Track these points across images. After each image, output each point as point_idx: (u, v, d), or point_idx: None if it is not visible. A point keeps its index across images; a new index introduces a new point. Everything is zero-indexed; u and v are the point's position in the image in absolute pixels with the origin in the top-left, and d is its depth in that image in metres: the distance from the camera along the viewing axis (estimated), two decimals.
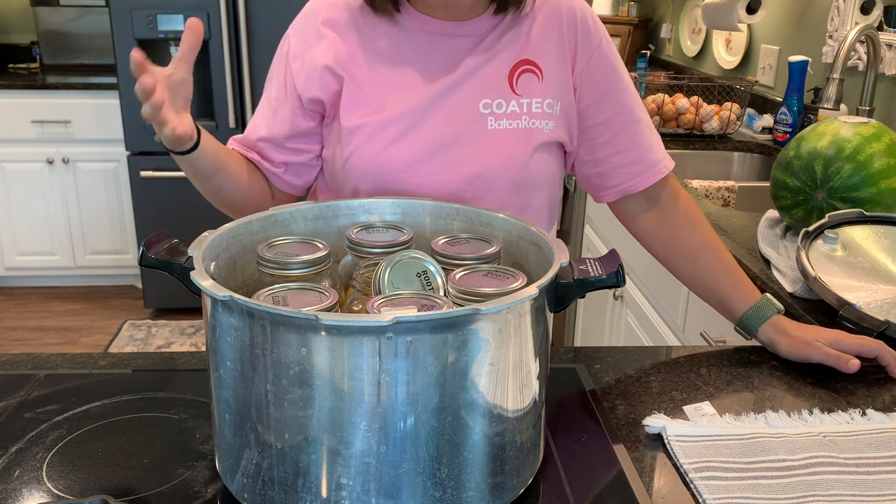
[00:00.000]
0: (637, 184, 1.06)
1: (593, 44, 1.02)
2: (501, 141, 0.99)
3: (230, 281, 0.76)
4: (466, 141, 0.98)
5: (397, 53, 0.99)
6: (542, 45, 1.00)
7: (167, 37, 2.99)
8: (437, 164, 0.98)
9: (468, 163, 0.98)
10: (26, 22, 3.89)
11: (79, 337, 3.25)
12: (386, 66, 0.99)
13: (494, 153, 0.99)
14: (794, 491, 0.70)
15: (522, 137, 0.99)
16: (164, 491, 0.69)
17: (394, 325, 0.56)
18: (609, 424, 0.81)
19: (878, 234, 1.20)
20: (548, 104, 1.00)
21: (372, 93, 0.99)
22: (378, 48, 0.99)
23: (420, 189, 0.98)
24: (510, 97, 0.99)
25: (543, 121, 1.00)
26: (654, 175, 1.06)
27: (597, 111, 1.03)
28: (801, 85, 2.22)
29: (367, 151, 0.98)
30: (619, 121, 1.04)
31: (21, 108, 3.30)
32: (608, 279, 0.68)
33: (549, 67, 1.00)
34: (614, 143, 1.05)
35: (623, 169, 1.06)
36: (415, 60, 0.99)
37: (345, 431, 0.59)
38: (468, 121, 0.98)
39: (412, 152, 0.98)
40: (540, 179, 1.03)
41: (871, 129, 1.34)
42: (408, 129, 0.98)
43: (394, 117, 0.98)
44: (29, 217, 3.47)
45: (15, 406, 0.82)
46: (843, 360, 0.92)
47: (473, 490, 0.63)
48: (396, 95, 0.98)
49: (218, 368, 0.63)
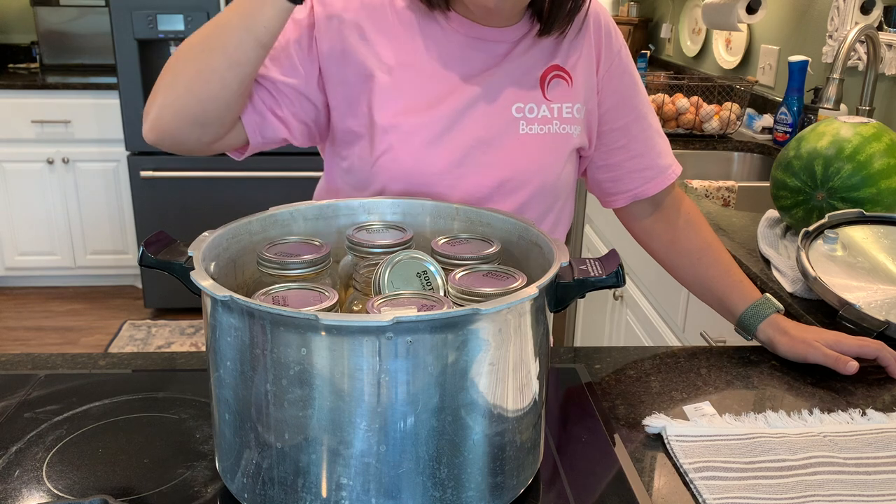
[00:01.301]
0: (648, 189, 1.08)
1: (614, 50, 1.04)
2: (532, 146, 0.99)
3: (230, 281, 0.76)
4: (498, 145, 0.98)
5: (435, 55, 0.98)
6: (573, 50, 1.01)
7: (167, 37, 2.99)
8: (468, 167, 0.98)
9: (499, 167, 0.98)
10: (26, 22, 3.89)
11: (79, 337, 3.25)
12: (423, 66, 0.98)
13: (525, 158, 0.99)
14: (794, 491, 0.70)
15: (553, 143, 1.00)
16: (164, 491, 0.69)
17: (394, 325, 0.56)
18: (609, 424, 0.81)
19: (878, 234, 1.20)
20: (577, 109, 1.01)
21: (407, 93, 0.97)
22: (416, 48, 0.98)
23: (449, 192, 0.98)
24: (541, 102, 0.99)
25: (573, 126, 1.01)
26: (665, 181, 1.08)
27: (615, 116, 1.05)
28: (801, 85, 2.22)
29: (400, 152, 0.97)
30: (634, 127, 1.05)
31: (21, 108, 3.30)
32: (608, 279, 0.68)
33: (578, 73, 1.01)
34: (629, 148, 1.06)
35: (635, 174, 1.07)
36: (452, 63, 0.98)
37: (345, 431, 0.59)
38: (501, 125, 0.98)
39: (446, 155, 0.97)
40: (566, 186, 1.04)
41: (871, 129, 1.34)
42: (443, 131, 0.97)
43: (430, 119, 0.97)
44: (29, 217, 3.47)
45: (15, 406, 0.82)
46: (841, 362, 0.92)
47: (473, 490, 0.63)
48: (433, 97, 0.97)
49: (218, 368, 0.63)
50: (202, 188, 3.15)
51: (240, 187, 3.16)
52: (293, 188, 3.15)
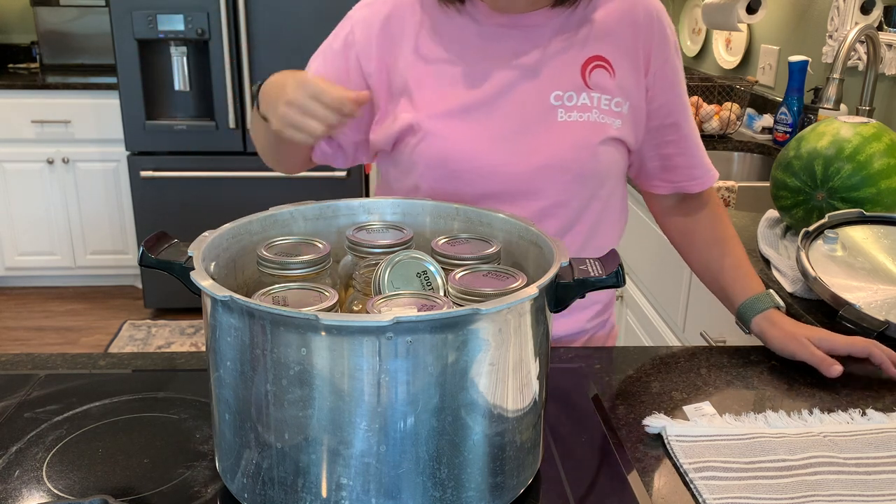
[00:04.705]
0: (693, 186, 1.10)
1: (668, 48, 1.04)
2: (570, 132, 0.99)
3: (230, 281, 0.76)
4: (535, 132, 0.98)
5: (464, 44, 0.99)
6: (615, 42, 1.01)
7: (167, 37, 2.99)
8: (504, 154, 0.98)
9: (535, 153, 0.98)
10: (26, 22, 3.89)
11: (79, 337, 3.25)
12: (453, 56, 0.99)
13: (562, 144, 0.98)
14: (794, 491, 0.70)
15: (591, 129, 0.99)
16: (164, 491, 0.69)
17: (394, 325, 0.56)
18: (609, 424, 0.81)
19: (878, 234, 1.20)
20: (616, 103, 1.00)
21: (439, 83, 0.99)
22: (444, 39, 0.99)
23: (485, 179, 0.98)
24: (581, 90, 0.99)
25: (611, 118, 1.00)
26: (708, 181, 1.11)
27: (667, 113, 1.05)
28: (801, 85, 2.22)
29: (434, 140, 0.98)
30: (684, 125, 1.07)
31: (21, 108, 3.30)
32: (608, 279, 0.68)
33: (621, 66, 1.01)
34: (680, 144, 1.07)
35: (685, 170, 1.09)
36: (482, 51, 0.99)
37: (345, 431, 0.59)
38: (538, 112, 0.98)
39: (480, 142, 0.97)
40: (606, 171, 1.02)
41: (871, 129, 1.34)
42: (477, 119, 0.98)
43: (462, 106, 0.98)
44: (29, 217, 3.47)
45: (15, 406, 0.82)
46: (825, 364, 0.92)
47: (473, 490, 0.63)
48: (464, 85, 0.98)
49: (218, 368, 0.63)
50: (202, 188, 3.15)
51: (240, 187, 3.16)
52: (293, 188, 3.15)
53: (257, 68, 3.04)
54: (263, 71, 3.03)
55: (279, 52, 3.02)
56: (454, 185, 0.99)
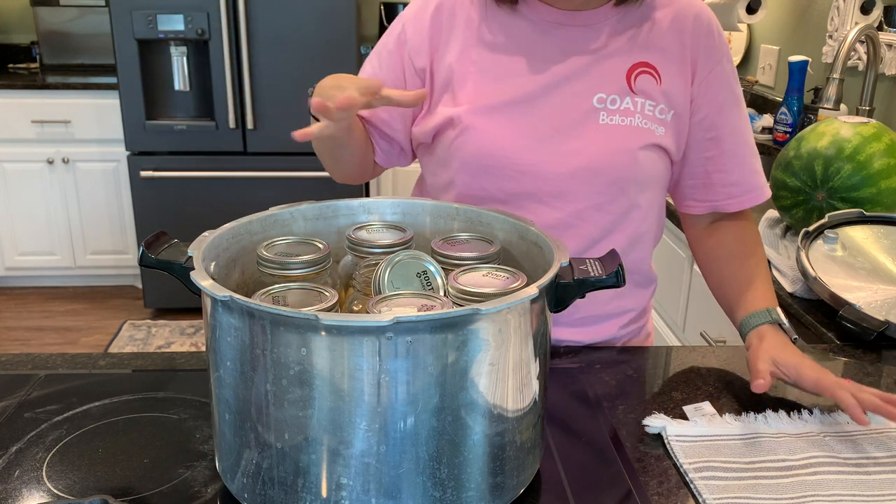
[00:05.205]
0: (730, 205, 1.04)
1: (716, 58, 1.00)
2: (611, 136, 0.97)
3: (230, 281, 0.76)
4: (576, 133, 0.97)
5: (511, 40, 0.99)
6: (664, 49, 0.98)
7: (167, 37, 2.99)
8: (542, 153, 0.97)
9: (574, 155, 0.97)
10: (26, 22, 3.89)
11: (79, 337, 3.25)
12: (498, 52, 0.98)
13: (602, 147, 0.97)
14: (794, 491, 0.70)
15: (633, 134, 0.97)
16: (164, 491, 0.69)
17: (394, 325, 0.56)
18: (609, 424, 0.81)
19: (878, 234, 1.20)
20: (660, 110, 0.98)
21: (482, 77, 0.98)
22: (491, 34, 0.99)
23: (522, 178, 0.97)
24: (626, 94, 0.97)
25: (655, 124, 0.98)
26: (749, 201, 1.04)
27: (709, 126, 1.01)
28: (801, 85, 2.22)
29: (472, 135, 0.97)
30: (728, 141, 1.02)
31: (21, 108, 3.30)
32: (608, 279, 0.68)
33: (668, 73, 0.98)
34: (719, 161, 1.02)
35: (721, 189, 1.03)
36: (528, 48, 0.98)
37: (345, 431, 0.59)
38: (580, 113, 0.97)
39: (519, 139, 0.97)
40: (646, 178, 0.99)
41: (871, 129, 1.34)
42: (517, 116, 0.97)
43: (503, 103, 0.97)
44: (29, 217, 3.47)
45: (15, 406, 0.82)
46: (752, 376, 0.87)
47: (473, 490, 0.63)
48: (507, 82, 0.98)
49: (218, 368, 0.63)
50: (202, 188, 3.15)
51: (240, 187, 3.16)
52: (293, 188, 3.15)
53: (257, 68, 3.04)
54: (263, 71, 3.03)
55: (279, 52, 3.01)
56: (489, 182, 0.98)
